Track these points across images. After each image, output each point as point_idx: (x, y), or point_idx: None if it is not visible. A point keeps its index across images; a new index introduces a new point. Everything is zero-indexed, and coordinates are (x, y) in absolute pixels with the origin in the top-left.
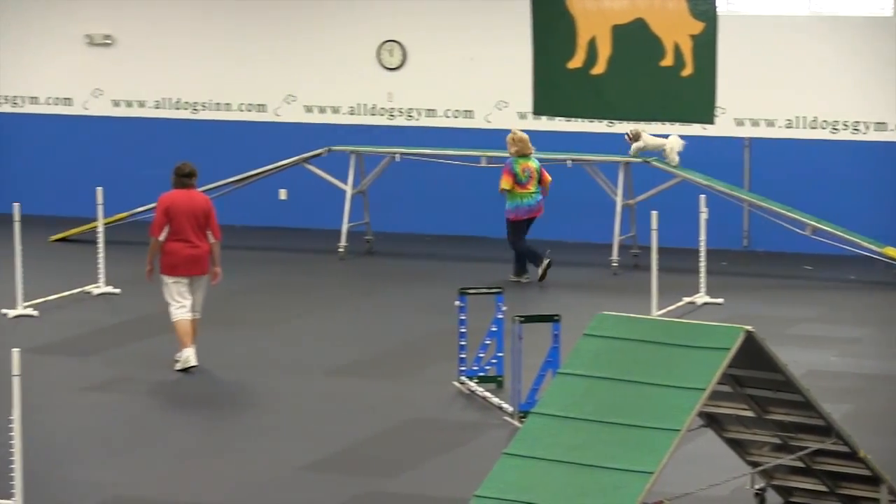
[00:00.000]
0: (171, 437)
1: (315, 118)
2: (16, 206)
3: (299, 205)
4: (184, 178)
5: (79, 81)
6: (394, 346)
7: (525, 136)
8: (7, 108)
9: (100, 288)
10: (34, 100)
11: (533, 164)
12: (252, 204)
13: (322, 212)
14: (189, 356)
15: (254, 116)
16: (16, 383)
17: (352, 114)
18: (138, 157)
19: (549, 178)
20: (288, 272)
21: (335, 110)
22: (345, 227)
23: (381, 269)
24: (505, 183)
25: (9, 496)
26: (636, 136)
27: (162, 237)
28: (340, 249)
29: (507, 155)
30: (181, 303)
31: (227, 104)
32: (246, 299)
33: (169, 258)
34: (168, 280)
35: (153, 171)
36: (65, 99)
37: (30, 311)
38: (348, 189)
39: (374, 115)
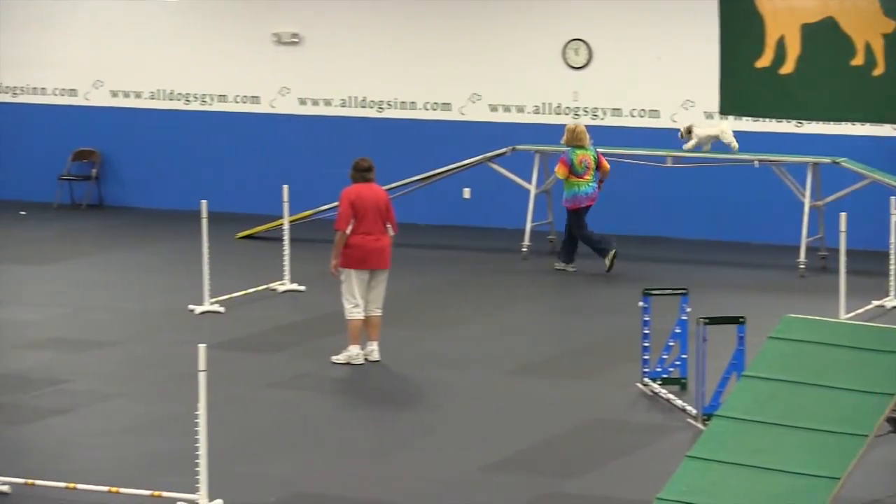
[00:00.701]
0: (352, 434)
1: (500, 117)
2: (203, 203)
3: (483, 204)
4: (364, 173)
5: (266, 80)
6: (577, 346)
7: (579, 127)
8: (196, 106)
9: (285, 285)
10: (223, 98)
11: (590, 155)
12: (436, 203)
13: (505, 211)
14: (357, 354)
15: (438, 115)
16: (202, 378)
17: (536, 113)
18: (323, 156)
19: (607, 166)
20: (471, 271)
21: (520, 109)
22: (528, 227)
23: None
24: (559, 172)
25: (193, 490)
26: (688, 132)
27: (348, 230)
28: (524, 249)
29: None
30: (357, 301)
31: (412, 103)
32: (428, 297)
33: (356, 251)
34: (352, 273)
35: (338, 169)
36: (252, 97)
37: (216, 308)
38: (532, 188)
39: (558, 114)
